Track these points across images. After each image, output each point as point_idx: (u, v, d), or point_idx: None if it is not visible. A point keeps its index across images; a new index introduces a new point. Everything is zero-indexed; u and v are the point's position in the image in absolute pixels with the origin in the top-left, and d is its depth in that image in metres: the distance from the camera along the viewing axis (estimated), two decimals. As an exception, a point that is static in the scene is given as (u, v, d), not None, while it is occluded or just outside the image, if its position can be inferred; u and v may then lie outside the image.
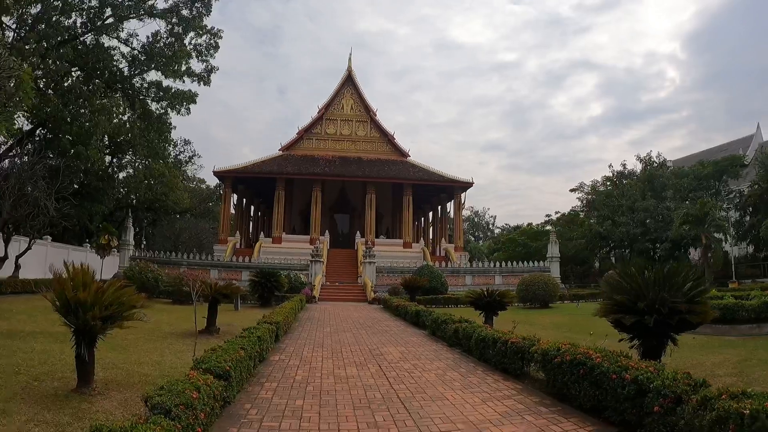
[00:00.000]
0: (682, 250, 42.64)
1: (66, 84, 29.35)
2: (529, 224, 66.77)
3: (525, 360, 8.42)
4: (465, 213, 59.91)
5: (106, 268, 32.56)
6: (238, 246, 43.83)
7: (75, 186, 37.92)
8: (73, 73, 32.12)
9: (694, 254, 43.48)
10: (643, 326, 8.13)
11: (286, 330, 13.03)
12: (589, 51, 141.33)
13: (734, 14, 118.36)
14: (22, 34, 27.19)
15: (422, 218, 58.71)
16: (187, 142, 65.12)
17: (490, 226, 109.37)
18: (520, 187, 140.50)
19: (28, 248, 23.64)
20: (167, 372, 8.35)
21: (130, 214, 36.24)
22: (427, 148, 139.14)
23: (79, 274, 6.91)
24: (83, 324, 6.40)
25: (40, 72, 26.42)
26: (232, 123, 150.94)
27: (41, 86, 28.81)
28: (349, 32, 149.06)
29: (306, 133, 49.09)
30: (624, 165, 49.55)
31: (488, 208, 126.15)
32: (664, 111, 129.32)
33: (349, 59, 51.63)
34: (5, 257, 22.32)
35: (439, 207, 52.30)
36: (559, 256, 38.07)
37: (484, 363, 9.76)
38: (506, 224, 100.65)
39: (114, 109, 28.78)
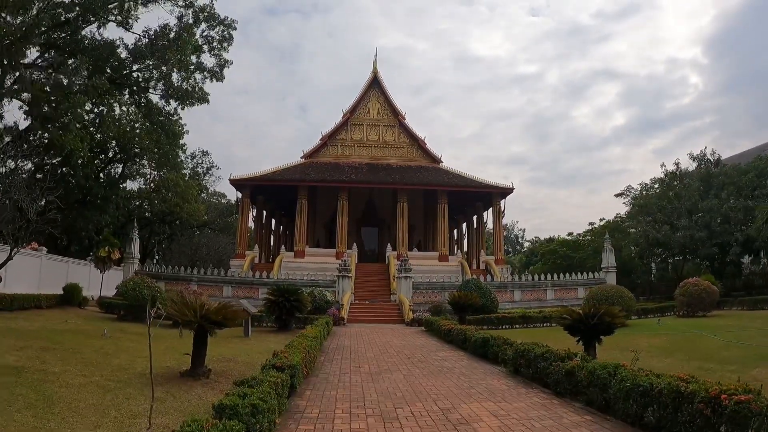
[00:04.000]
0: (753, 254, 37.63)
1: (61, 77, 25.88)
2: (570, 233, 61.88)
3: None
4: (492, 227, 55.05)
5: (108, 283, 28.96)
6: (257, 261, 39.97)
7: (80, 194, 34.79)
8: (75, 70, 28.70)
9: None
10: None
11: (308, 371, 8.92)
12: (610, 60, 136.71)
13: (754, 16, 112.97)
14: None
15: (455, 230, 54.34)
16: (205, 153, 62.14)
17: (520, 239, 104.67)
18: (544, 201, 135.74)
19: (9, 258, 19.92)
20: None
21: (135, 224, 32.54)
22: (450, 164, 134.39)
23: None
24: None
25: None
26: (254, 141, 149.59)
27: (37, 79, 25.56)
28: (368, 48, 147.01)
29: (330, 139, 45.30)
30: (677, 164, 44.53)
31: (517, 221, 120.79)
32: (688, 118, 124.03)
33: (374, 61, 47.89)
34: (-20, 267, 18.63)
35: (475, 217, 47.95)
36: (615, 265, 33.62)
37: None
38: (536, 237, 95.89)
39: (97, 91, 25.10)
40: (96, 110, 33.66)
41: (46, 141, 29.73)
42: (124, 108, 34.69)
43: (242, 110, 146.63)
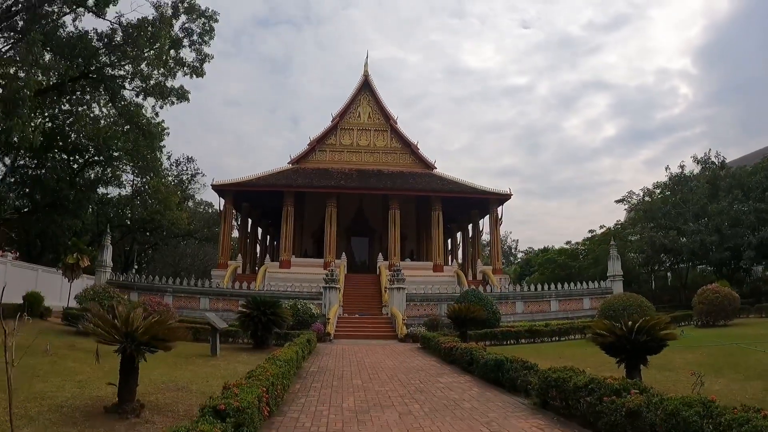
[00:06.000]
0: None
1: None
2: (568, 242, 60.04)
3: None
4: (486, 237, 52.89)
5: (77, 292, 26.62)
6: (240, 271, 37.67)
7: (50, 197, 32.55)
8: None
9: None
10: None
11: (270, 411, 6.72)
12: (600, 71, 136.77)
13: (743, 26, 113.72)
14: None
15: (450, 239, 52.22)
16: (190, 160, 59.78)
17: (513, 250, 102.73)
18: (535, 213, 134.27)
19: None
20: None
21: (109, 231, 30.20)
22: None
23: None
24: None
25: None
26: (246, 152, 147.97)
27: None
28: (359, 59, 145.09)
29: (318, 144, 43.25)
30: (682, 167, 42.71)
31: (510, 232, 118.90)
32: (678, 128, 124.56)
33: (365, 64, 46.15)
34: None
35: (470, 225, 45.93)
36: (622, 273, 31.67)
37: None
38: (530, 248, 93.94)
39: (58, 73, 22.81)
40: (74, 110, 31.54)
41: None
42: (104, 110, 32.52)
43: (234, 121, 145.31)
